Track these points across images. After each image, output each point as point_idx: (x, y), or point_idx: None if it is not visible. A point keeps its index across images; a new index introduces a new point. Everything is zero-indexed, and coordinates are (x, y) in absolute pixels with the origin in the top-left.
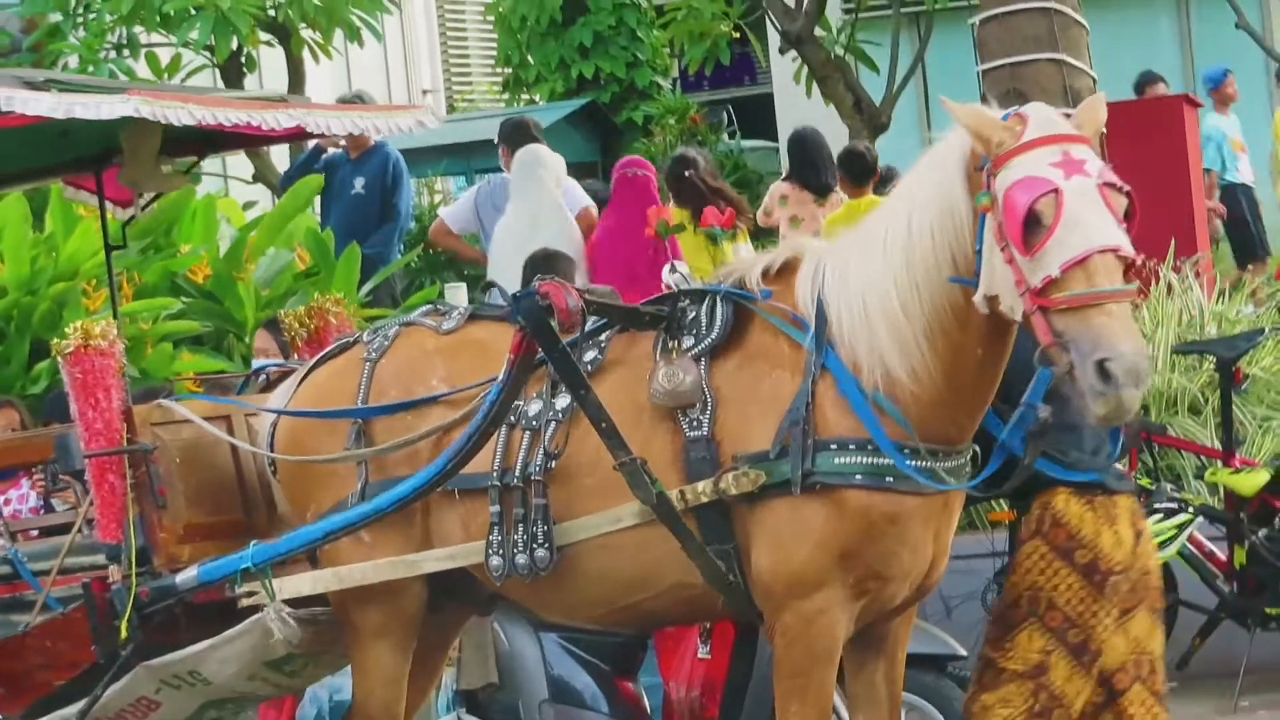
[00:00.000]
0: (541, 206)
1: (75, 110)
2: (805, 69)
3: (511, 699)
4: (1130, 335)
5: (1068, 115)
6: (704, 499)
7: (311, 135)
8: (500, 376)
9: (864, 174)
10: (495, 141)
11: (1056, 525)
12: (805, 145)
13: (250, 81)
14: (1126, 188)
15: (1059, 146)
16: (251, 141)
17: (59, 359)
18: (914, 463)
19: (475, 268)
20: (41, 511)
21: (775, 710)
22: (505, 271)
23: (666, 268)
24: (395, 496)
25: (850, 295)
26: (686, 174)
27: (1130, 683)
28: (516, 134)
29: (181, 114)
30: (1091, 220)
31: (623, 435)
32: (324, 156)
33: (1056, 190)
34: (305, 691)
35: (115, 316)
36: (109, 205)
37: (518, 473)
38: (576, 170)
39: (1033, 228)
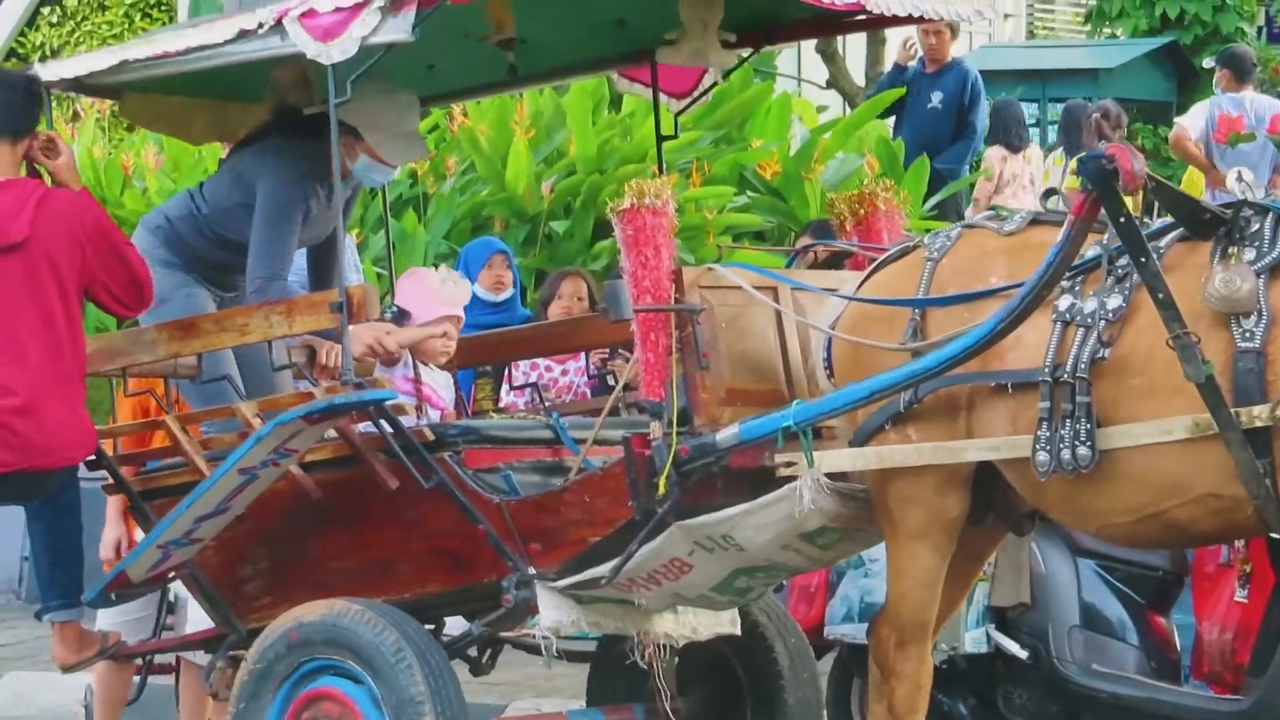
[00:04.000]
0: None
1: None
2: None
3: (1041, 620)
4: None
5: None
6: (1258, 423)
7: (871, 20)
8: (1059, 239)
9: None
10: (1214, 65)
11: None
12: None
13: None
14: None
15: None
16: (812, 29)
17: (612, 216)
18: None
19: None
20: (595, 384)
21: None
22: None
23: (1233, 174)
24: (945, 355)
25: None
26: None
27: None
28: (1237, 61)
29: None
30: None
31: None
32: (906, 72)
33: None
34: (836, 589)
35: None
36: (664, 97)
37: (1069, 368)
38: (1151, 110)
39: None
